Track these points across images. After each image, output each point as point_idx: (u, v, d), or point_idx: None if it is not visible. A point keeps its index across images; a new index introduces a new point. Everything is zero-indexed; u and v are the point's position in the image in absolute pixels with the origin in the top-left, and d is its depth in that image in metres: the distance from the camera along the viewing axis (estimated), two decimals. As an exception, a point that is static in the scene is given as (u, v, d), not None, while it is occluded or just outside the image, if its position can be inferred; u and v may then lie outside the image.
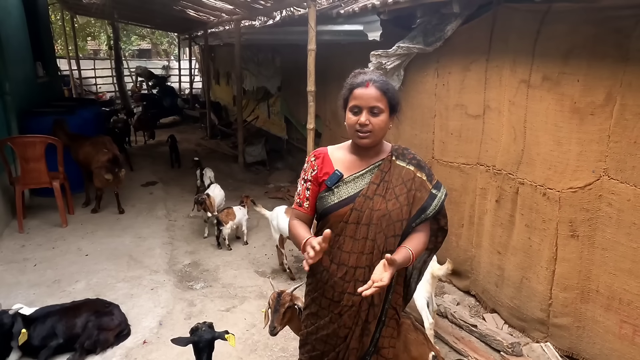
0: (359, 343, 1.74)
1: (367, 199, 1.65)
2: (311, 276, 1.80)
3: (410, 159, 1.73)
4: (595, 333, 2.70)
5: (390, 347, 1.80)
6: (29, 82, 6.72)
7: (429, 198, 1.68)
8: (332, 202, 1.67)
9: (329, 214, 1.69)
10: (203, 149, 9.61)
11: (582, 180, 2.64)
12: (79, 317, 2.98)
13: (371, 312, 1.71)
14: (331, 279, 1.70)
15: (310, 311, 1.81)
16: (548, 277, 2.89)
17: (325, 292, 1.72)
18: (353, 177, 1.69)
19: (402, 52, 3.70)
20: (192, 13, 8.60)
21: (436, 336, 3.18)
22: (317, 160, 1.74)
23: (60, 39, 16.24)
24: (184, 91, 16.91)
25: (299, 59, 5.03)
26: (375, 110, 1.60)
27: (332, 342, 1.75)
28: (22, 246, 4.55)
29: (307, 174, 1.74)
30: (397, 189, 1.66)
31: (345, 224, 1.66)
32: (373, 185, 1.66)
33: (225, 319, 3.38)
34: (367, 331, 1.73)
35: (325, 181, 1.68)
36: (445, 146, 3.70)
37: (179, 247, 4.72)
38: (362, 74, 1.66)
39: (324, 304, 1.74)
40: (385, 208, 1.64)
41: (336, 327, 1.72)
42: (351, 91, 1.64)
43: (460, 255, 3.69)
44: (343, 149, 1.77)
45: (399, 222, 1.65)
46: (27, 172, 4.93)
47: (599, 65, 2.49)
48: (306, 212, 1.74)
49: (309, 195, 1.72)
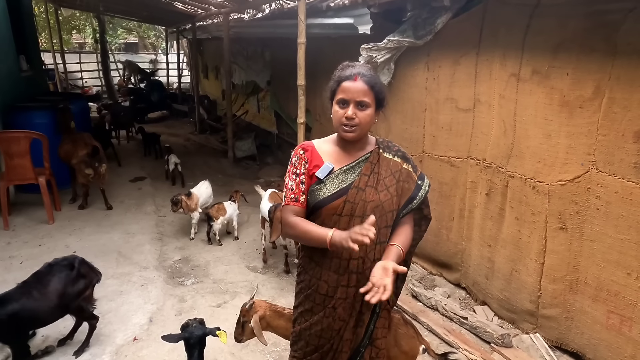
0: (352, 334, 1.74)
1: (360, 191, 1.64)
2: (303, 274, 1.79)
3: (396, 151, 1.76)
4: (583, 323, 2.74)
5: (383, 338, 1.82)
6: (12, 76, 6.56)
7: (415, 189, 1.72)
8: (324, 195, 1.65)
9: (321, 207, 1.66)
10: (192, 144, 9.53)
11: (571, 173, 2.66)
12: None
13: (365, 303, 1.69)
14: (325, 274, 1.69)
15: (304, 308, 1.79)
16: (537, 269, 2.92)
17: (319, 287, 1.72)
18: (343, 169, 1.68)
19: (393, 46, 3.69)
20: (180, 6, 8.48)
21: (427, 329, 3.20)
22: (306, 153, 1.72)
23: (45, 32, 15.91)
24: (172, 85, 16.71)
25: (289, 53, 4.99)
26: (363, 105, 1.60)
27: (327, 335, 1.75)
28: (7, 244, 4.47)
29: (300, 168, 1.70)
30: (387, 180, 1.68)
31: (339, 217, 1.64)
32: (364, 177, 1.66)
33: (216, 314, 3.36)
34: (361, 322, 1.74)
35: (316, 173, 1.67)
36: (435, 140, 3.71)
37: (168, 243, 4.68)
38: (351, 67, 1.65)
39: (318, 300, 1.74)
40: (378, 199, 1.64)
41: (331, 320, 1.72)
42: (339, 84, 1.63)
43: (450, 248, 3.71)
44: (329, 142, 1.76)
45: (391, 213, 1.67)
46: (11, 168, 4.83)
47: (587, 58, 2.51)
48: (302, 206, 1.68)
49: (304, 189, 1.69)
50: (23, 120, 5.46)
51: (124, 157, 7.88)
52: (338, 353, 1.75)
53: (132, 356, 2.90)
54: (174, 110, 12.91)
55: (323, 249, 1.64)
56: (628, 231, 2.44)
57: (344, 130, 1.63)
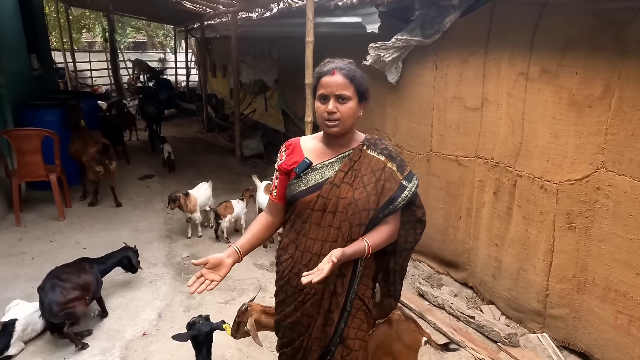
0: (321, 332, 1.74)
1: (334, 187, 1.64)
2: (279, 264, 1.82)
3: (382, 149, 1.71)
4: (591, 324, 2.73)
5: (357, 339, 1.77)
6: (23, 74, 6.65)
7: (398, 189, 1.66)
8: (300, 188, 1.68)
9: (296, 200, 1.70)
10: (200, 142, 9.58)
11: (580, 172, 2.65)
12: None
13: (334, 301, 1.70)
14: (295, 267, 1.71)
15: (279, 299, 1.83)
16: (545, 269, 2.92)
17: (290, 279, 1.73)
18: (322, 164, 1.69)
19: (401, 45, 3.69)
20: (189, 5, 8.52)
21: (434, 327, 3.21)
22: (287, 150, 1.77)
23: (55, 31, 16.07)
24: (181, 84, 16.81)
25: (296, 52, 5.00)
26: (343, 98, 1.59)
27: (297, 330, 1.77)
28: (19, 239, 4.54)
29: (276, 164, 1.79)
30: (365, 178, 1.65)
31: (312, 211, 1.66)
32: (341, 173, 1.66)
33: (224, 311, 3.39)
34: (330, 320, 1.72)
35: (295, 169, 1.70)
36: (443, 139, 3.71)
37: (176, 240, 4.72)
38: (330, 62, 1.65)
39: (289, 292, 1.75)
40: (352, 196, 1.63)
41: (300, 315, 1.74)
42: (318, 80, 1.63)
43: (457, 247, 3.71)
44: (315, 139, 1.79)
45: (365, 211, 1.63)
46: (23, 165, 4.90)
47: (597, 57, 2.50)
48: (274, 200, 1.78)
49: (278, 184, 1.76)
50: (34, 118, 5.54)
51: (132, 155, 7.95)
52: (308, 351, 1.76)
53: (142, 351, 2.94)
54: (182, 109, 12.99)
55: (296, 243, 1.71)
56: (637, 231, 2.42)
57: (326, 126, 1.63)
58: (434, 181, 3.84)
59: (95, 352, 2.91)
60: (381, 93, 4.28)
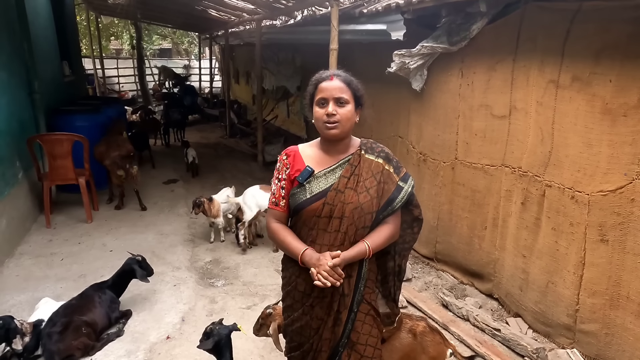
0: (331, 333, 1.75)
1: (339, 193, 1.68)
2: (285, 270, 1.84)
3: (379, 152, 1.77)
4: (624, 340, 2.62)
5: (368, 345, 1.78)
6: (56, 81, 6.89)
7: (395, 190, 1.72)
8: (304, 197, 1.70)
9: (301, 209, 1.71)
10: (222, 148, 9.70)
11: (613, 183, 2.57)
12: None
13: (342, 302, 1.73)
14: (303, 272, 1.72)
15: (286, 304, 1.85)
16: (575, 282, 2.82)
17: (298, 285, 1.76)
18: (324, 172, 1.72)
19: (426, 52, 3.66)
20: (214, 13, 8.69)
21: (458, 339, 3.14)
22: (289, 159, 1.78)
23: (85, 39, 16.62)
24: (204, 90, 17.11)
25: (319, 59, 5.03)
26: (341, 101, 1.66)
27: (306, 333, 1.78)
28: (49, 241, 4.68)
29: (282, 173, 1.78)
30: (367, 182, 1.70)
31: (318, 218, 1.69)
32: (344, 179, 1.69)
33: (246, 316, 3.40)
34: (338, 321, 1.75)
35: (297, 177, 1.72)
36: (469, 147, 3.65)
37: (200, 244, 4.78)
38: (327, 71, 1.76)
39: (297, 297, 1.78)
40: (357, 201, 1.67)
41: (309, 319, 1.76)
42: (317, 86, 1.71)
43: (483, 257, 3.63)
44: (313, 146, 1.81)
45: (370, 214, 1.69)
46: (54, 169, 5.06)
47: (632, 65, 2.42)
48: (282, 210, 1.77)
49: (284, 194, 1.76)
50: (65, 123, 5.72)
51: (157, 160, 8.11)
52: (318, 352, 1.78)
53: (165, 354, 2.98)
54: (205, 114, 13.20)
55: None
56: (675, 245, 2.33)
57: (326, 128, 1.67)
58: (459, 190, 3.78)
59: (120, 354, 2.96)
60: (405, 100, 4.25)
